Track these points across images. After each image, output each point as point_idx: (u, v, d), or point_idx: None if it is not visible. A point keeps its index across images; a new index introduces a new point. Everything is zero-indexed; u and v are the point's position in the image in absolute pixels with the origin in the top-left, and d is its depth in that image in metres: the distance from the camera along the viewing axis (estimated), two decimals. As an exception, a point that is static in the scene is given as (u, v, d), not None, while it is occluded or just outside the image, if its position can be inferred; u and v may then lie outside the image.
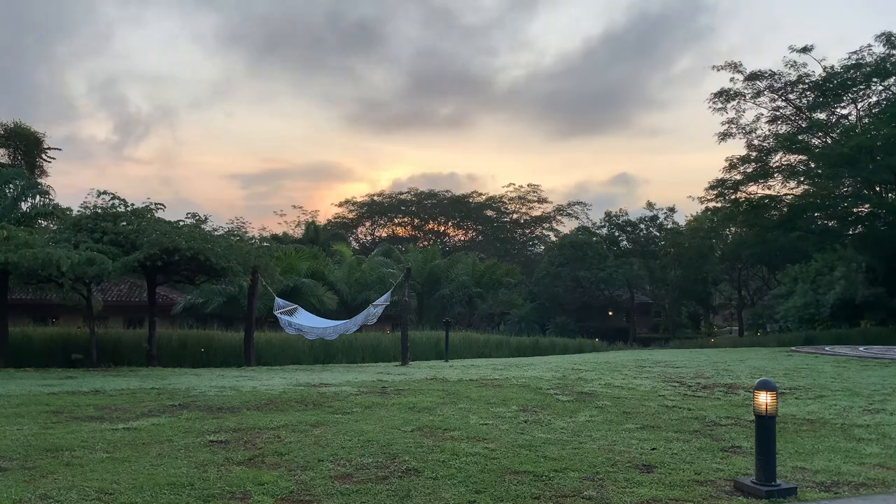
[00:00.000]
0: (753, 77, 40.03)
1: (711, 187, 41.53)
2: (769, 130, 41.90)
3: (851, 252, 35.33)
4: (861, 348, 22.93)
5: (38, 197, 21.76)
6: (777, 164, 40.79)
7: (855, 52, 37.40)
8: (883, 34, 36.53)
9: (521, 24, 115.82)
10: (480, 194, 73.87)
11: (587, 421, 8.35)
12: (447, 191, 73.82)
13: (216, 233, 20.14)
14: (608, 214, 58.08)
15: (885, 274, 34.48)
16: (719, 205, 42.35)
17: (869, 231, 37.93)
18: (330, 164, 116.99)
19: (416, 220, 75.23)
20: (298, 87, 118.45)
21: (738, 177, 40.78)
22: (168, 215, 19.69)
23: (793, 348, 24.88)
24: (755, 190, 41.10)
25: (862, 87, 38.18)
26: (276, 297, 19.34)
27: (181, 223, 19.02)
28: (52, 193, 22.25)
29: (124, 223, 18.37)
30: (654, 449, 6.80)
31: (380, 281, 35.53)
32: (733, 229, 49.63)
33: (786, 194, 41.15)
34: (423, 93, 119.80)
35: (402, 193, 74.04)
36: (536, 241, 75.43)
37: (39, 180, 27.43)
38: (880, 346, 24.68)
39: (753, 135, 41.91)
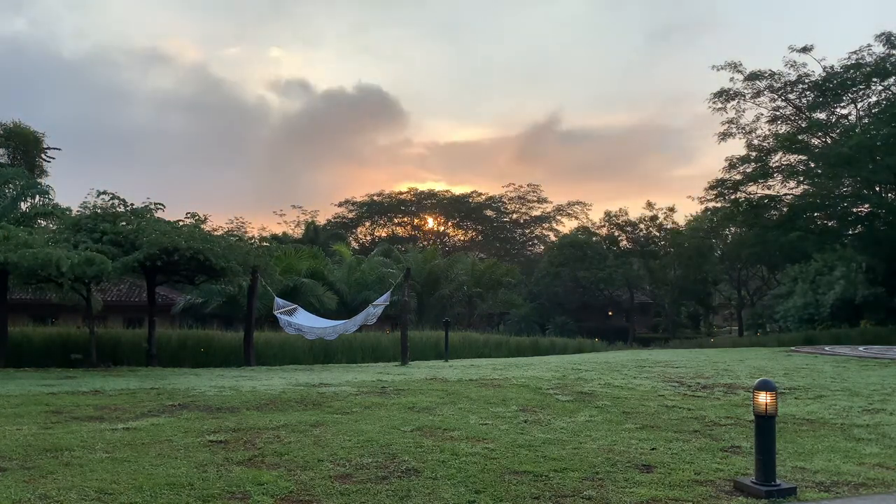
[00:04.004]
0: (753, 77, 40.06)
1: (711, 187, 41.59)
2: (769, 130, 41.98)
3: (851, 252, 35.35)
4: (861, 348, 22.93)
5: (37, 197, 21.73)
6: (777, 164, 40.82)
7: (855, 52, 37.47)
8: (883, 34, 36.58)
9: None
10: (480, 194, 73.95)
11: (587, 421, 8.34)
12: (447, 191, 73.95)
13: (216, 233, 20.12)
14: (608, 214, 58.20)
15: (884, 274, 34.49)
16: (719, 205, 42.39)
17: (869, 231, 37.95)
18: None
19: (415, 220, 75.21)
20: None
21: (738, 177, 40.82)
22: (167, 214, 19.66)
23: (792, 348, 24.87)
24: (755, 190, 41.15)
25: (862, 87, 38.21)
26: (276, 297, 19.32)
27: (181, 223, 19.01)
28: (52, 193, 22.23)
29: (124, 223, 18.35)
30: (653, 449, 6.80)
31: (379, 281, 35.50)
32: (733, 229, 49.68)
33: (786, 194, 41.20)
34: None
35: (401, 193, 74.06)
36: (536, 241, 75.45)
37: (39, 180, 27.42)
38: (880, 346, 24.67)
39: (753, 135, 41.98)
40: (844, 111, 40.67)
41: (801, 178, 40.40)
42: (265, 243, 37.08)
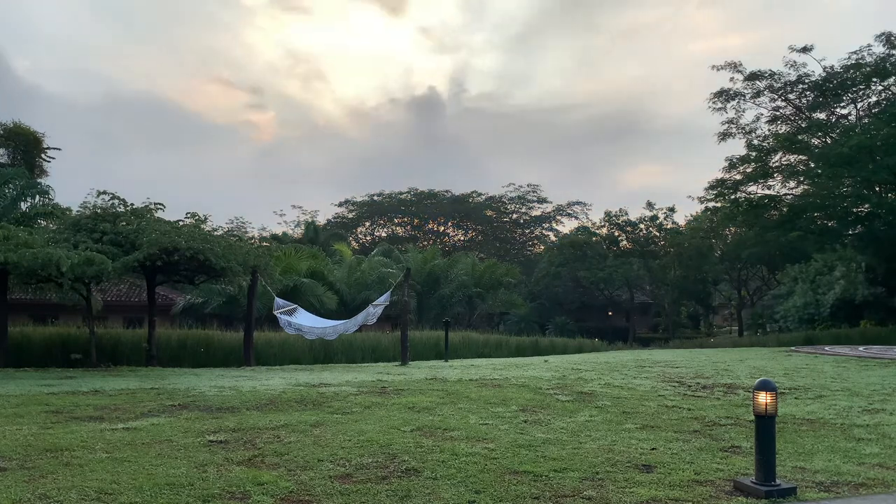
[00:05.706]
0: (753, 77, 40.04)
1: (711, 187, 41.58)
2: (769, 130, 41.96)
3: (851, 252, 35.36)
4: (861, 348, 22.92)
5: (37, 197, 21.75)
6: (777, 164, 40.82)
7: (855, 52, 37.45)
8: (883, 34, 36.58)
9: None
10: (480, 194, 73.91)
11: (587, 421, 8.34)
12: (447, 191, 73.86)
13: (216, 233, 20.10)
14: (608, 214, 58.14)
15: (884, 274, 34.50)
16: (719, 205, 42.39)
17: (869, 231, 37.93)
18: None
19: (415, 220, 75.17)
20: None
21: (738, 177, 40.81)
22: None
23: (792, 348, 24.86)
24: (755, 190, 41.16)
25: (862, 87, 38.20)
26: (276, 297, 19.33)
27: (181, 223, 19.01)
28: (52, 193, 22.24)
29: (124, 223, 18.35)
30: (653, 449, 6.80)
31: (379, 281, 35.50)
32: (733, 229, 49.68)
33: (786, 194, 41.20)
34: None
35: (402, 193, 73.98)
36: (536, 241, 75.43)
37: (39, 180, 27.44)
38: (880, 346, 24.67)
39: (753, 135, 41.96)
40: (844, 111, 40.70)
41: (801, 178, 40.39)
42: (265, 243, 37.11)
